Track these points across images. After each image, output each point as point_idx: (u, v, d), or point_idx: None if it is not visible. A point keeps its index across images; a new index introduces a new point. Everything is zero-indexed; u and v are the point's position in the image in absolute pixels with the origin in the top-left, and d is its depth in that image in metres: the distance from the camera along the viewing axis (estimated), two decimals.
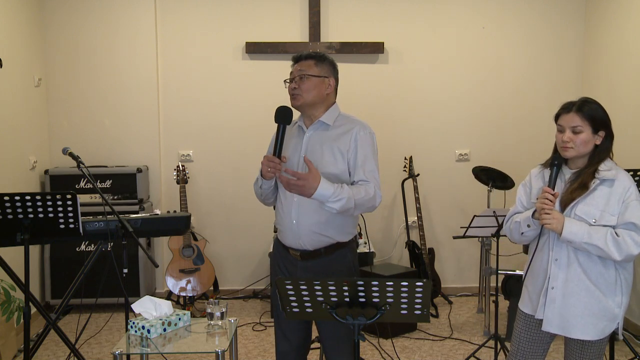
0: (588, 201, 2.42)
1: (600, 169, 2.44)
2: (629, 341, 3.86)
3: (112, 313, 4.78)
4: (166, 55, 5.33)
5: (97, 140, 5.29)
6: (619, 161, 2.59)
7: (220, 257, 5.45)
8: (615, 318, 2.47)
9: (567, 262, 2.45)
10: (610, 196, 2.41)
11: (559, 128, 2.51)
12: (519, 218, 2.55)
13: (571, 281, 2.45)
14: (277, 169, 2.66)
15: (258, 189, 2.83)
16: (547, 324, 2.49)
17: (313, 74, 2.71)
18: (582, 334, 2.46)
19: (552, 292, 2.47)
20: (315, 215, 2.67)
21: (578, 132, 2.44)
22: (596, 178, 2.43)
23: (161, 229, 3.55)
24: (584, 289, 2.44)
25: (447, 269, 5.57)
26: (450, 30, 5.42)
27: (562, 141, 2.47)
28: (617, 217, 2.39)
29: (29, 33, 4.98)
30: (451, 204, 5.51)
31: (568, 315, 2.46)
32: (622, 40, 4.83)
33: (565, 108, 2.51)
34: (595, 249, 2.36)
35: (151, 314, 2.84)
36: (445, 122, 5.47)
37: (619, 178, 2.43)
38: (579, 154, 2.46)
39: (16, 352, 4.11)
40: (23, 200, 2.82)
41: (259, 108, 5.28)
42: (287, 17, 5.34)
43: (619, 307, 2.47)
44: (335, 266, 2.74)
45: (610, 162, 2.49)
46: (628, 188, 2.41)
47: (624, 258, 2.36)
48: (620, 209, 2.40)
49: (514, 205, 2.67)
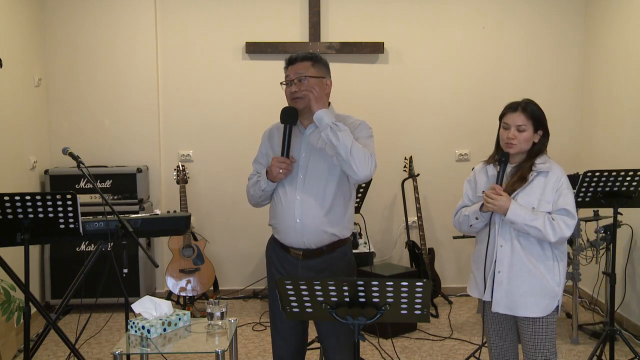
0: (527, 191, 2.69)
1: (537, 163, 2.72)
2: (629, 341, 3.86)
3: (112, 313, 4.78)
4: (166, 55, 5.33)
5: (97, 140, 5.29)
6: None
7: (220, 257, 5.45)
8: (555, 296, 2.71)
9: (511, 247, 2.71)
10: (546, 186, 2.68)
11: (504, 125, 2.76)
12: (468, 212, 2.81)
13: (516, 265, 2.70)
14: (288, 169, 2.68)
15: (258, 191, 2.81)
16: (496, 304, 2.73)
17: (312, 75, 2.71)
18: (527, 311, 2.69)
19: (499, 275, 2.72)
20: (319, 213, 2.69)
21: (522, 130, 2.71)
22: (533, 171, 2.70)
23: (161, 229, 3.54)
24: (526, 270, 2.69)
25: (447, 269, 5.56)
26: (450, 30, 5.42)
27: (507, 138, 2.72)
28: (551, 204, 2.67)
29: (29, 33, 4.98)
30: (451, 204, 5.43)
31: (513, 296, 2.70)
32: (622, 40, 4.83)
33: (511, 107, 2.77)
34: (535, 230, 2.62)
35: (151, 314, 2.84)
36: (445, 122, 5.47)
37: (552, 170, 2.70)
38: (521, 150, 2.73)
39: (16, 352, 4.11)
40: (23, 200, 2.82)
41: (259, 108, 5.29)
42: (287, 17, 5.34)
43: (558, 285, 2.71)
44: (336, 263, 2.77)
45: (545, 157, 2.76)
46: (560, 178, 2.69)
47: (558, 239, 2.63)
48: (554, 196, 2.67)
49: (461, 200, 2.94)
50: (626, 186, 3.44)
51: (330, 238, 2.74)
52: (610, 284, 3.66)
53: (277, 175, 2.68)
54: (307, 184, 2.71)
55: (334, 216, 2.72)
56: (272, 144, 2.86)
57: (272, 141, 2.87)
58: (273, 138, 2.87)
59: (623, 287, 4.49)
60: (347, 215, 2.78)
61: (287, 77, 2.75)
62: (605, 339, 3.72)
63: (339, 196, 2.74)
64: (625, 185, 3.44)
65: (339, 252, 2.78)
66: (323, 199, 2.70)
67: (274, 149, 2.83)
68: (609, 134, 4.96)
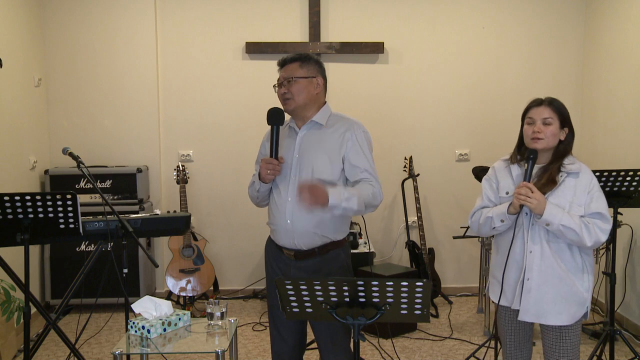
0: (557, 194, 2.54)
1: (565, 163, 2.58)
2: (629, 341, 3.86)
3: (112, 313, 4.78)
4: (166, 55, 5.33)
5: (97, 140, 5.29)
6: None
7: (220, 257, 5.45)
8: (584, 302, 2.61)
9: (541, 252, 2.56)
10: (577, 188, 2.55)
11: (528, 121, 2.63)
12: (491, 213, 2.62)
13: (545, 271, 2.56)
14: (276, 170, 2.68)
15: (254, 192, 2.83)
16: (524, 313, 2.60)
17: (300, 76, 2.72)
18: (556, 320, 2.58)
19: (527, 283, 2.57)
20: (309, 215, 2.67)
21: (548, 123, 2.58)
22: (562, 172, 2.56)
23: (161, 229, 3.54)
24: (556, 276, 2.56)
25: (447, 269, 5.57)
26: (450, 31, 5.42)
27: (532, 132, 2.59)
28: (583, 208, 2.53)
29: (29, 33, 4.98)
30: (451, 204, 5.51)
31: (542, 303, 2.57)
32: (622, 40, 4.83)
33: (535, 102, 2.65)
34: (571, 232, 2.47)
35: (151, 314, 2.84)
36: (445, 122, 5.47)
37: (582, 171, 2.58)
38: (548, 145, 2.58)
39: (16, 352, 4.11)
40: (23, 200, 2.82)
41: (258, 108, 5.23)
42: (287, 17, 5.34)
43: (587, 292, 2.61)
44: (329, 266, 2.76)
45: (572, 157, 2.63)
46: (591, 180, 2.57)
47: (593, 244, 2.50)
48: (586, 199, 2.54)
49: (479, 200, 2.75)
50: (626, 186, 3.44)
51: (322, 240, 2.73)
52: (610, 284, 3.66)
53: (266, 176, 2.69)
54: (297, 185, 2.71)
55: (324, 218, 2.69)
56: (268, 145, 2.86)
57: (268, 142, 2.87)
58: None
59: (623, 287, 4.50)
60: (340, 218, 2.74)
61: (277, 79, 2.77)
62: (605, 339, 3.72)
63: None
64: (625, 185, 3.44)
65: (331, 254, 2.76)
66: None
67: (267, 150, 2.84)
68: (609, 134, 4.96)
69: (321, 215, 2.66)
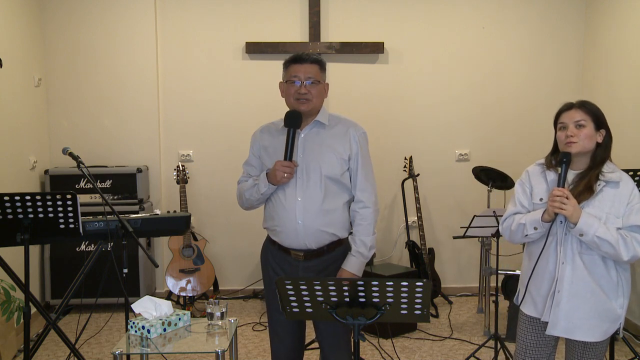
0: (594, 203, 2.41)
1: (605, 171, 2.44)
2: (629, 341, 3.86)
3: (112, 313, 4.78)
4: (166, 55, 5.33)
5: (97, 140, 5.29)
6: (619, 161, 2.59)
7: (220, 257, 5.45)
8: (617, 319, 2.49)
9: (573, 264, 2.44)
10: (615, 198, 2.41)
11: (560, 126, 2.50)
12: (524, 220, 2.49)
13: (577, 284, 2.44)
14: (292, 173, 2.69)
15: (255, 194, 2.79)
16: (552, 327, 2.49)
17: (320, 80, 2.75)
18: (586, 336, 2.47)
19: (558, 295, 2.46)
20: (320, 214, 2.70)
21: (582, 125, 2.44)
22: (601, 180, 2.42)
23: (161, 229, 3.54)
24: (589, 291, 2.44)
25: (447, 269, 5.56)
26: (450, 30, 5.42)
27: (565, 137, 2.45)
28: (621, 220, 2.40)
29: (29, 33, 4.98)
30: (451, 204, 5.51)
31: (573, 318, 2.46)
32: (622, 40, 4.83)
33: (565, 106, 2.52)
34: (606, 244, 2.34)
35: (151, 314, 2.84)
36: (445, 122, 5.47)
37: (623, 180, 2.44)
38: (583, 149, 2.44)
39: (16, 352, 4.11)
40: (23, 200, 2.82)
41: (259, 108, 5.29)
42: (287, 17, 5.34)
43: (621, 308, 2.48)
44: (337, 263, 2.78)
45: (612, 165, 2.50)
46: (632, 190, 2.43)
47: (630, 258, 2.37)
48: (625, 211, 2.40)
49: (511, 205, 2.62)
50: None
51: (330, 238, 2.75)
52: None
53: (281, 179, 2.68)
54: (307, 185, 2.71)
55: (334, 216, 2.73)
56: (265, 145, 2.84)
57: (264, 143, 2.85)
58: (265, 139, 2.85)
59: None
60: (345, 214, 2.79)
61: (293, 75, 2.72)
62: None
63: (338, 196, 2.75)
64: None
65: (338, 251, 2.79)
66: (323, 199, 2.71)
67: (268, 151, 2.82)
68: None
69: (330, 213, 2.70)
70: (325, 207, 2.70)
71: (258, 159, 2.87)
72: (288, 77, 2.75)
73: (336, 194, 2.74)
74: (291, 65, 2.75)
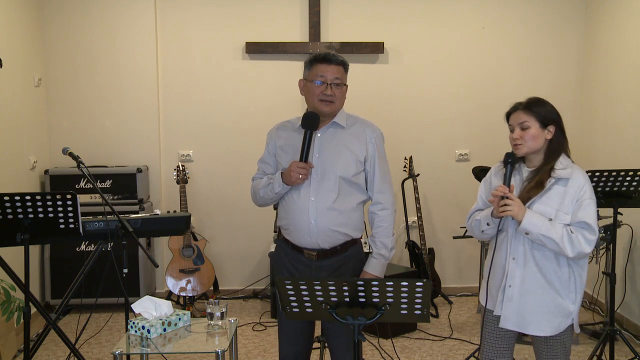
0: (544, 200, 2.46)
1: (556, 168, 2.49)
2: (629, 341, 3.86)
3: (112, 313, 4.78)
4: (166, 56, 5.33)
5: (97, 140, 5.29)
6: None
7: (220, 257, 5.45)
8: (569, 314, 2.52)
9: (524, 260, 2.51)
10: (565, 195, 2.45)
11: (509, 128, 2.58)
12: (480, 216, 2.60)
13: (527, 279, 2.50)
14: (307, 174, 2.68)
15: (270, 193, 2.77)
16: (505, 320, 2.55)
17: (345, 83, 2.78)
18: (538, 330, 2.52)
19: (509, 290, 2.53)
20: (333, 213, 2.70)
21: (526, 127, 2.50)
22: (552, 177, 2.47)
23: (161, 229, 3.54)
24: (539, 287, 2.49)
25: (447, 269, 5.57)
26: (450, 30, 5.42)
27: (512, 139, 2.53)
28: (570, 216, 2.44)
29: (29, 33, 4.98)
30: (451, 204, 5.51)
31: (524, 312, 2.52)
32: (622, 40, 4.83)
33: (512, 107, 2.59)
34: (551, 242, 2.40)
35: (151, 314, 2.84)
36: (445, 122, 5.47)
37: (573, 177, 2.47)
38: (530, 149, 2.51)
39: (16, 352, 4.11)
40: (23, 200, 2.82)
41: (259, 108, 5.29)
42: (287, 17, 5.34)
43: (573, 304, 2.51)
44: (350, 262, 2.79)
45: (567, 160, 2.53)
46: (582, 187, 2.45)
47: (576, 255, 2.42)
48: (574, 207, 2.44)
49: (475, 202, 2.72)
50: (626, 186, 3.44)
51: (344, 238, 2.75)
52: (610, 284, 3.66)
53: (296, 180, 2.67)
54: (321, 185, 2.71)
55: (347, 216, 2.73)
56: (282, 144, 2.83)
57: (280, 141, 2.84)
58: (280, 138, 2.84)
59: (623, 287, 4.50)
60: (359, 215, 2.79)
61: (320, 75, 2.71)
62: (605, 339, 3.72)
63: (352, 197, 2.75)
64: (625, 185, 3.44)
65: (351, 251, 2.79)
66: (336, 199, 2.71)
67: (284, 149, 2.81)
68: (609, 134, 4.96)
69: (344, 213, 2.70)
70: (339, 207, 2.70)
71: (273, 157, 2.86)
72: (313, 77, 2.72)
73: (350, 194, 2.74)
74: (317, 64, 2.73)
